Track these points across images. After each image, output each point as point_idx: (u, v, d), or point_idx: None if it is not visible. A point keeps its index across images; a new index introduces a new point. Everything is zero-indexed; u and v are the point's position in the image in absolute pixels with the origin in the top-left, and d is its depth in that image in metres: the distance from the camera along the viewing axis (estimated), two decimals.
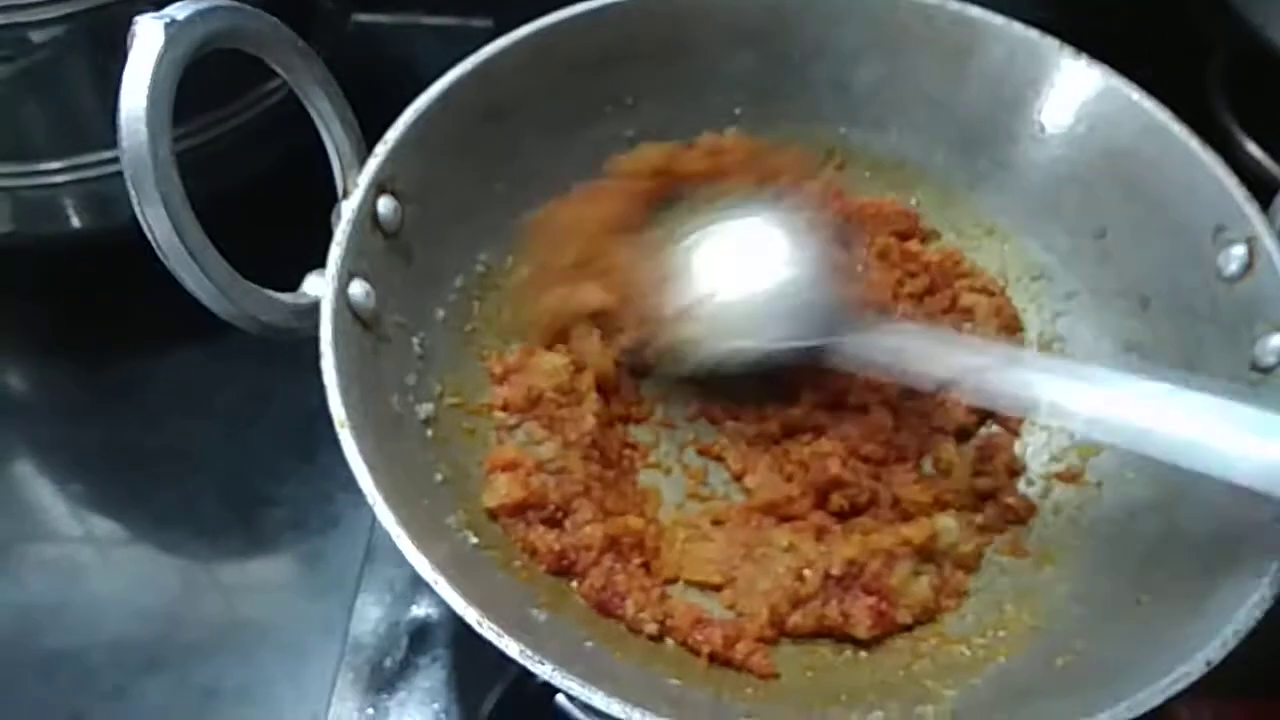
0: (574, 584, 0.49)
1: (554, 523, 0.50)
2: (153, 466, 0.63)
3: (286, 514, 0.61)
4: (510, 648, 0.38)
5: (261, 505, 0.61)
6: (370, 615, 0.55)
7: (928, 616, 0.50)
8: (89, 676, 0.56)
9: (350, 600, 0.56)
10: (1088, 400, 0.45)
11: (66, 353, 0.68)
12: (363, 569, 0.57)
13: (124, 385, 0.66)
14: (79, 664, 0.56)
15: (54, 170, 0.60)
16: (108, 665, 0.56)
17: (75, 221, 0.63)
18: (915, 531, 0.51)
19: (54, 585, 0.59)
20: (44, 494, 0.63)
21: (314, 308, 0.46)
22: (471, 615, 0.38)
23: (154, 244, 0.42)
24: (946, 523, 0.53)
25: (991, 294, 0.60)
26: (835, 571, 0.49)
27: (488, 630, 0.38)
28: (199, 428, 0.64)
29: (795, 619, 0.49)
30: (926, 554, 0.51)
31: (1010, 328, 0.59)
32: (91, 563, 0.60)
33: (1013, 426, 0.57)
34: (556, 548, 0.49)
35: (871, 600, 0.49)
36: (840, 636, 0.50)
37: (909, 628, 0.50)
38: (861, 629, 0.49)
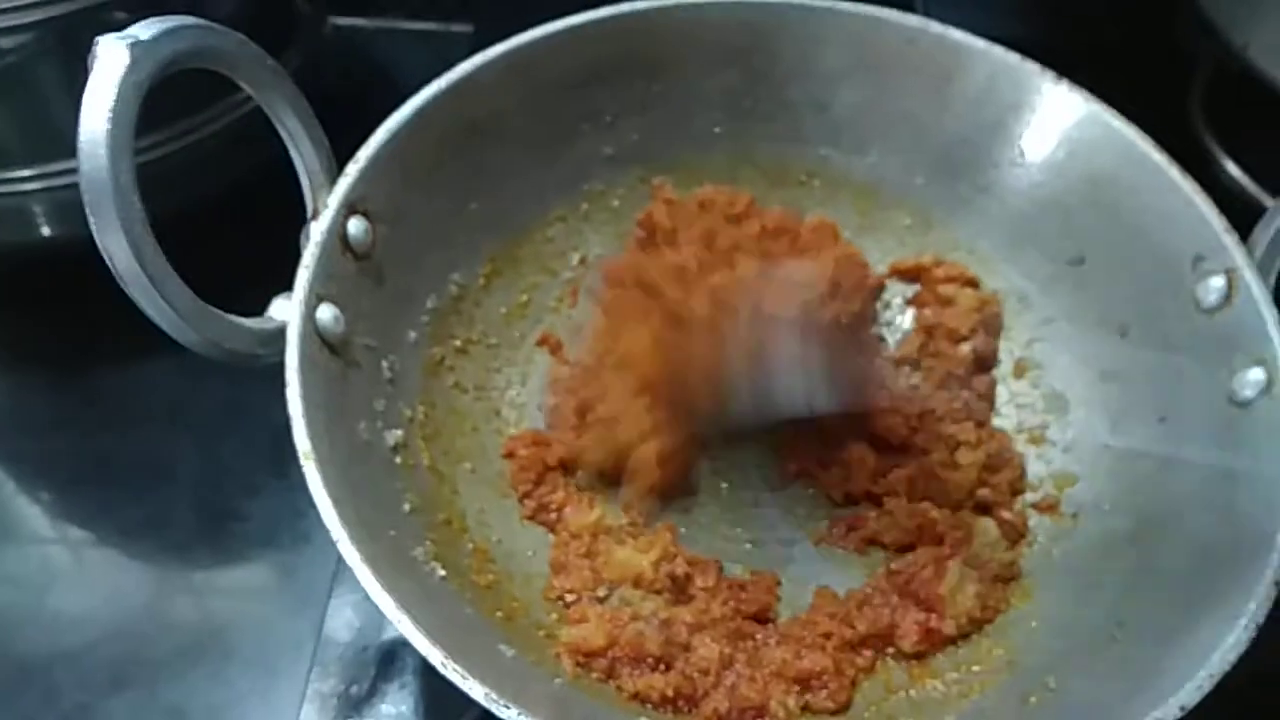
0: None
1: (659, 666, 0.47)
2: (122, 478, 0.62)
3: (257, 529, 0.60)
4: (475, 690, 0.37)
5: (232, 520, 0.60)
6: (339, 639, 0.54)
7: (973, 628, 0.50)
8: (52, 693, 0.54)
9: (320, 619, 0.55)
10: None
11: (36, 362, 0.67)
12: (332, 589, 0.56)
13: (94, 396, 0.65)
14: (42, 680, 0.55)
15: (24, 178, 0.60)
16: (71, 682, 0.55)
17: (45, 230, 0.63)
18: (958, 522, 0.52)
19: (18, 597, 0.58)
20: (11, 504, 0.62)
21: (280, 333, 0.45)
22: (436, 656, 0.38)
23: (113, 270, 0.41)
24: (985, 523, 0.53)
25: (974, 285, 0.60)
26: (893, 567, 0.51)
27: (452, 672, 0.38)
28: (170, 440, 0.63)
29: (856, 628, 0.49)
30: (971, 557, 0.51)
31: (991, 326, 0.59)
32: (58, 575, 0.59)
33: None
34: (670, 693, 0.46)
35: (921, 616, 0.49)
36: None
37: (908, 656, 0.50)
38: (908, 643, 0.49)
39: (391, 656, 0.54)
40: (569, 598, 0.50)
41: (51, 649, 0.56)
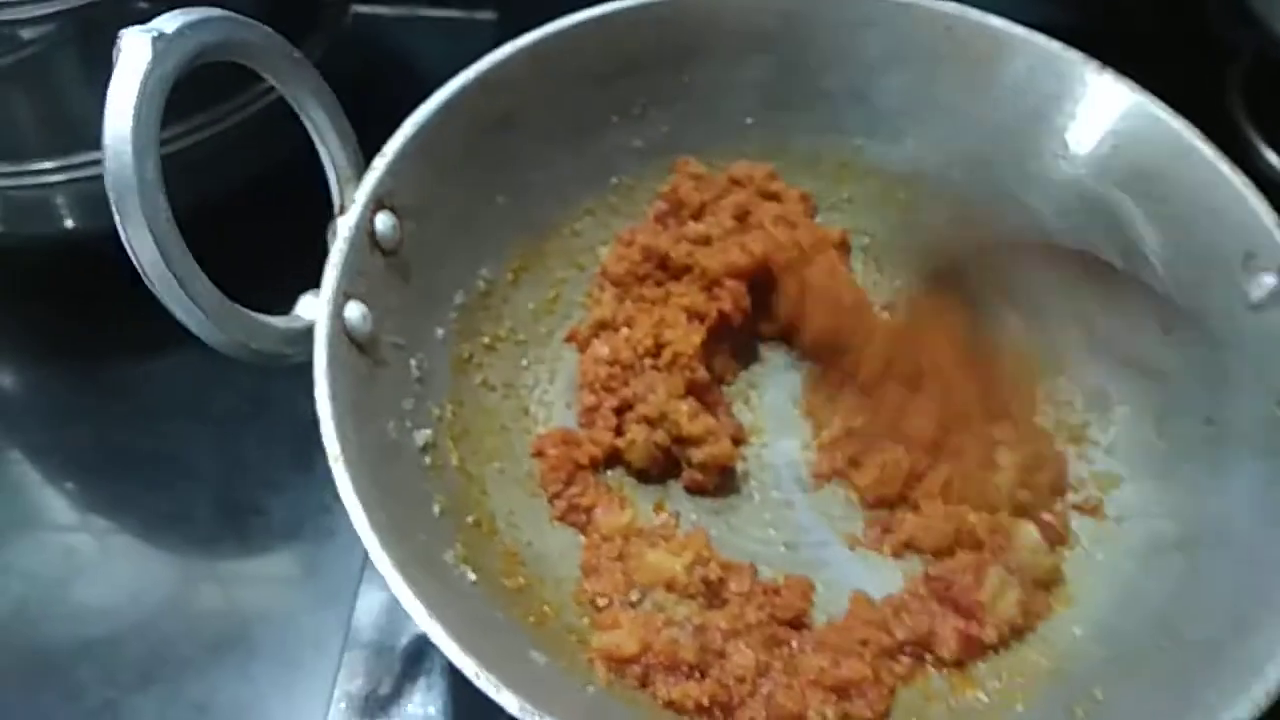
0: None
1: (694, 674, 0.46)
2: (146, 471, 0.61)
3: (281, 523, 0.59)
4: (509, 703, 0.37)
5: (256, 514, 0.60)
6: (366, 637, 0.54)
7: (1015, 636, 0.49)
8: (78, 690, 0.54)
9: (345, 616, 0.54)
10: None
11: (59, 354, 0.67)
12: (359, 585, 0.55)
13: (117, 388, 0.65)
14: (67, 677, 0.54)
15: (46, 170, 0.59)
16: (97, 678, 0.54)
17: (68, 222, 0.62)
18: (996, 525, 0.51)
19: (43, 593, 0.57)
20: (34, 495, 0.61)
21: (307, 332, 0.45)
22: (469, 666, 0.37)
23: (139, 268, 0.41)
24: (1025, 526, 0.52)
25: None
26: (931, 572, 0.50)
27: (485, 683, 0.37)
28: (193, 432, 0.63)
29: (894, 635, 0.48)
30: (1011, 561, 0.50)
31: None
32: (82, 569, 0.58)
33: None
34: (705, 701, 0.45)
35: (961, 623, 0.48)
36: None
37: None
38: (947, 651, 0.48)
39: (419, 656, 0.53)
40: (600, 601, 0.49)
41: (76, 642, 0.55)
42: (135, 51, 0.40)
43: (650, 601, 0.49)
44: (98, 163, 0.56)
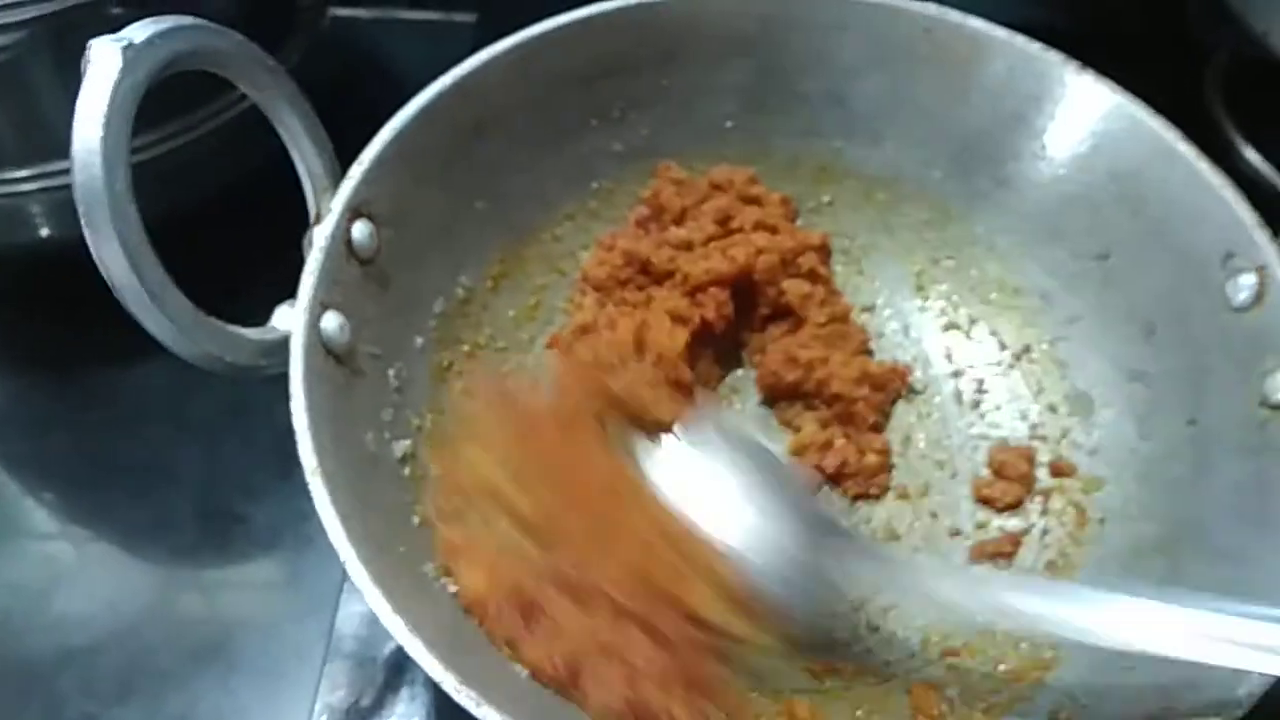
0: None
1: None
2: (123, 480, 0.61)
3: (262, 531, 0.59)
4: (491, 718, 0.36)
5: (236, 522, 0.59)
6: (348, 648, 0.53)
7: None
8: (58, 702, 0.54)
9: (327, 626, 0.54)
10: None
11: (36, 363, 0.66)
12: (339, 593, 0.55)
13: (95, 396, 0.64)
14: (46, 689, 0.54)
15: (21, 178, 0.58)
16: (78, 690, 0.54)
17: (43, 230, 0.61)
18: None
19: (20, 604, 0.57)
20: (13, 506, 0.61)
21: (283, 343, 0.44)
22: (450, 681, 0.37)
23: (109, 283, 0.40)
24: None
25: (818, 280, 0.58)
26: None
27: (466, 698, 0.36)
28: (171, 440, 0.62)
29: None
30: None
31: (840, 317, 0.58)
32: (61, 578, 0.58)
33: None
34: None
35: None
36: None
37: None
38: None
39: (401, 666, 0.53)
40: None
41: (56, 653, 0.55)
42: (104, 61, 0.39)
43: None
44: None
